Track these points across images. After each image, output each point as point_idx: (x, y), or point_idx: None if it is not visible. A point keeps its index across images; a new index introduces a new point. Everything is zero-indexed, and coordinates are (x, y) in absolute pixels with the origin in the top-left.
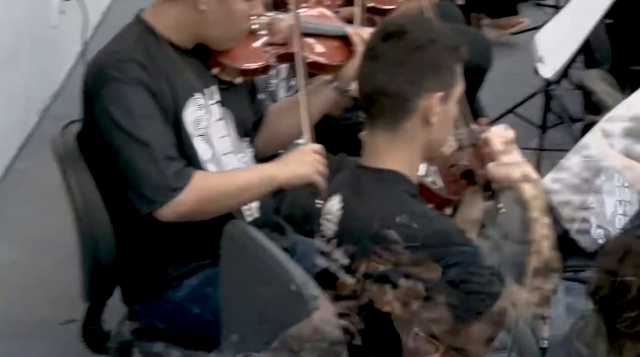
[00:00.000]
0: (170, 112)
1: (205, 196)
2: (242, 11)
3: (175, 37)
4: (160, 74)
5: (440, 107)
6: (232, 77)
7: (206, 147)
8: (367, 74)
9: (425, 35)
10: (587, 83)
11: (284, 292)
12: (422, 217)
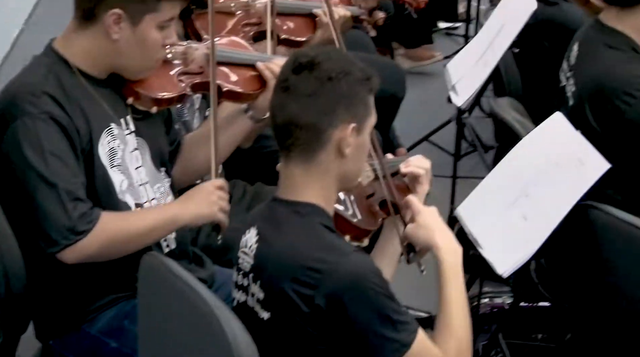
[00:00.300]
0: (85, 144)
1: (109, 240)
2: (156, 40)
3: (88, 67)
4: (74, 106)
5: (354, 138)
6: (148, 107)
7: (122, 177)
8: (280, 105)
9: (337, 66)
10: (498, 111)
11: (202, 324)
12: (337, 252)
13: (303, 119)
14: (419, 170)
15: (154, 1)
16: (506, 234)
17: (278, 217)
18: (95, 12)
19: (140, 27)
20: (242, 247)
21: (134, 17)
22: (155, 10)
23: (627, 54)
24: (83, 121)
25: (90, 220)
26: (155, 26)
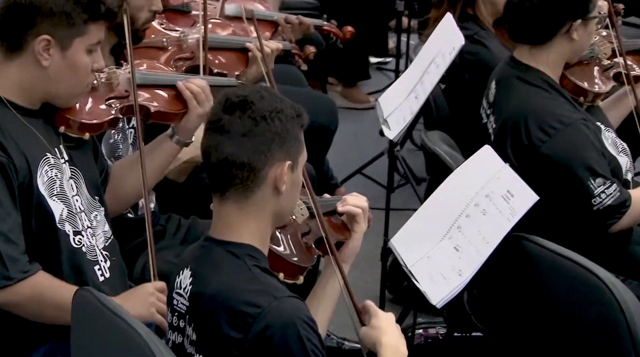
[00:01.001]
0: (23, 178)
1: (38, 296)
2: (86, 64)
3: (19, 99)
4: (9, 140)
5: (289, 175)
6: (80, 134)
7: (62, 206)
8: (214, 145)
9: (270, 105)
10: (429, 144)
11: None
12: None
13: (239, 159)
14: (356, 210)
15: (82, 24)
16: (439, 266)
17: (212, 259)
18: (22, 42)
19: (70, 52)
20: (176, 289)
21: (63, 42)
22: (83, 34)
23: (542, 90)
24: (20, 156)
25: (24, 270)
26: (84, 50)
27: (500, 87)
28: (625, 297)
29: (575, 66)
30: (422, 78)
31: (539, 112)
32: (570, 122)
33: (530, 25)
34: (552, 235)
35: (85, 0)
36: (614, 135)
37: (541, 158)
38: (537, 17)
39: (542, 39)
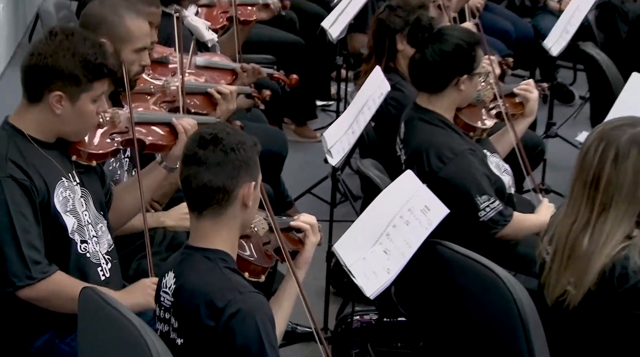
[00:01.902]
0: (42, 198)
1: (57, 292)
2: (91, 111)
3: (39, 135)
4: (31, 167)
5: (253, 194)
6: (89, 162)
7: (73, 220)
8: (193, 175)
9: (235, 139)
10: (363, 169)
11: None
12: (237, 291)
13: (216, 184)
14: (305, 226)
15: (88, 83)
16: (372, 265)
17: (192, 262)
18: (40, 95)
19: (78, 104)
20: (162, 288)
21: (72, 97)
22: (89, 90)
23: (439, 128)
24: (40, 180)
25: (45, 271)
26: (90, 101)
27: (407, 127)
28: (516, 288)
29: (465, 108)
30: (357, 117)
31: (436, 145)
32: (460, 151)
33: (428, 78)
34: (461, 240)
35: (91, 64)
36: (498, 159)
37: (440, 181)
38: (432, 72)
39: (436, 89)
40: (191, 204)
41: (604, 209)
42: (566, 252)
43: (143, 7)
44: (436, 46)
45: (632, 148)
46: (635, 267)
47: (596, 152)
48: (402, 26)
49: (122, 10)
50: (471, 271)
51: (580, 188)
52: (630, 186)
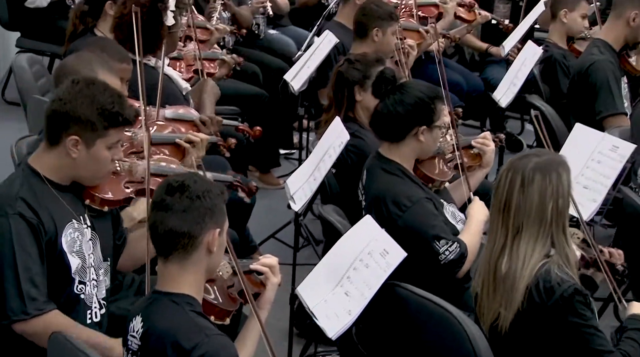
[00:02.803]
0: (49, 236)
1: (50, 330)
2: (106, 158)
3: (54, 177)
4: (42, 207)
5: (218, 239)
6: (101, 207)
7: (78, 261)
8: (160, 220)
9: (202, 186)
10: (325, 215)
11: None
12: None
13: (181, 230)
14: (265, 268)
15: (103, 130)
16: (334, 307)
17: (159, 306)
18: (59, 139)
19: (94, 149)
20: (130, 332)
21: (88, 142)
22: (104, 136)
23: (398, 177)
24: (49, 219)
25: (40, 308)
26: (105, 147)
27: (368, 174)
28: (470, 327)
29: (425, 160)
30: (318, 165)
31: (394, 194)
32: (417, 199)
33: (388, 128)
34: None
35: (107, 112)
36: (454, 208)
37: (399, 229)
38: (392, 122)
39: (397, 138)
40: (158, 249)
41: (518, 233)
42: (490, 276)
43: (115, 63)
44: (397, 96)
45: (536, 174)
46: (558, 279)
47: (506, 179)
48: (359, 78)
49: (96, 65)
50: (428, 311)
51: (495, 215)
52: (537, 209)
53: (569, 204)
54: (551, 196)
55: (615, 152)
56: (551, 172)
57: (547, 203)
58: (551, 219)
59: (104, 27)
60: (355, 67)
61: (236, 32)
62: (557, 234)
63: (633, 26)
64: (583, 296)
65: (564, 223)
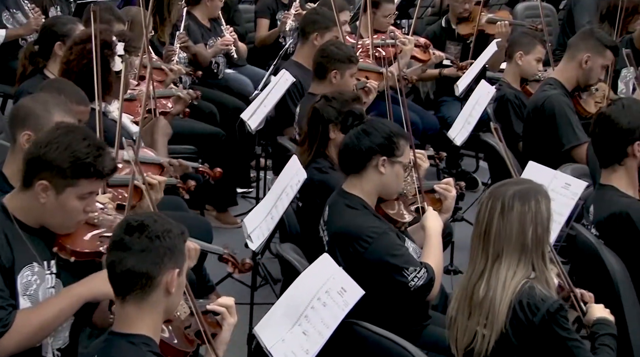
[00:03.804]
0: (6, 267)
1: (25, 337)
2: (75, 207)
3: (24, 218)
4: (5, 240)
5: (177, 280)
6: (69, 257)
7: (28, 304)
8: (118, 260)
9: (161, 227)
10: (283, 253)
11: None
12: None
13: (139, 270)
14: (221, 309)
15: (74, 179)
16: (292, 346)
17: (115, 348)
18: (31, 182)
19: (62, 197)
20: None
21: (57, 188)
22: (75, 185)
23: (362, 211)
24: (8, 254)
25: (5, 324)
26: (75, 197)
27: (331, 210)
28: None
29: (387, 201)
30: (276, 203)
31: (359, 228)
32: (381, 231)
33: (350, 156)
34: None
35: (79, 162)
36: (415, 245)
37: (365, 261)
38: (353, 149)
39: (358, 168)
40: (116, 289)
41: (497, 258)
42: (466, 301)
43: (72, 105)
44: (361, 128)
45: (516, 202)
46: (542, 295)
47: (486, 207)
48: (335, 116)
49: (52, 106)
50: (386, 349)
51: (475, 241)
52: (517, 236)
53: (549, 231)
54: (530, 223)
55: (568, 189)
56: (530, 200)
57: (527, 229)
58: (532, 246)
59: (53, 67)
60: (331, 105)
61: (192, 73)
62: (536, 259)
63: (585, 69)
64: (565, 311)
65: (543, 250)
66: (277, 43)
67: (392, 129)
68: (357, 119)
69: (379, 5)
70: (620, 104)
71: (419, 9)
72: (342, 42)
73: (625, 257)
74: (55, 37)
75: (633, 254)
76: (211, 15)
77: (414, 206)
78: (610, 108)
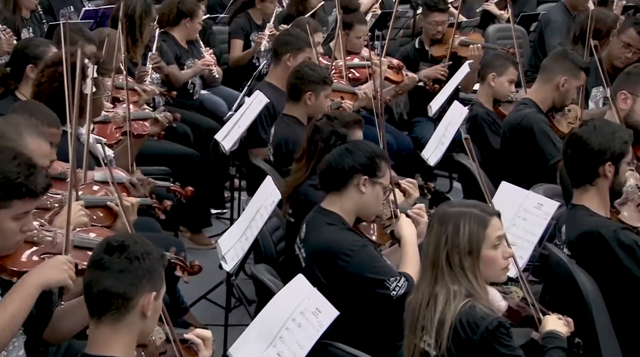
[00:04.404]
0: None
1: None
2: (9, 228)
3: None
4: None
5: (153, 303)
6: (11, 277)
7: None
8: (95, 279)
9: (141, 248)
10: (257, 274)
11: None
12: None
13: (116, 290)
14: (198, 340)
15: (6, 200)
16: None
17: None
18: None
19: None
20: None
21: None
22: (7, 207)
23: (340, 227)
24: None
25: None
26: (10, 218)
27: (308, 227)
28: None
29: (364, 222)
30: (250, 224)
31: (339, 243)
32: (361, 245)
33: (332, 175)
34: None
35: (10, 182)
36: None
37: (347, 275)
38: (337, 169)
39: (339, 185)
40: (91, 309)
41: (436, 279)
42: (413, 322)
43: (44, 127)
44: (344, 146)
45: (435, 223)
46: (482, 313)
47: (430, 229)
48: (335, 135)
49: (24, 129)
50: None
51: (422, 262)
52: (432, 255)
53: (475, 255)
54: (444, 245)
55: (540, 209)
56: (448, 223)
57: (440, 251)
58: (448, 267)
59: (25, 90)
60: (332, 125)
61: (166, 94)
62: (467, 280)
63: (562, 91)
64: (506, 328)
65: (464, 272)
66: (251, 64)
67: (375, 150)
68: (340, 139)
69: (352, 27)
70: (592, 125)
71: (392, 30)
72: (316, 63)
73: (598, 277)
74: (27, 60)
75: (605, 273)
76: (189, 37)
77: (389, 229)
78: (582, 129)
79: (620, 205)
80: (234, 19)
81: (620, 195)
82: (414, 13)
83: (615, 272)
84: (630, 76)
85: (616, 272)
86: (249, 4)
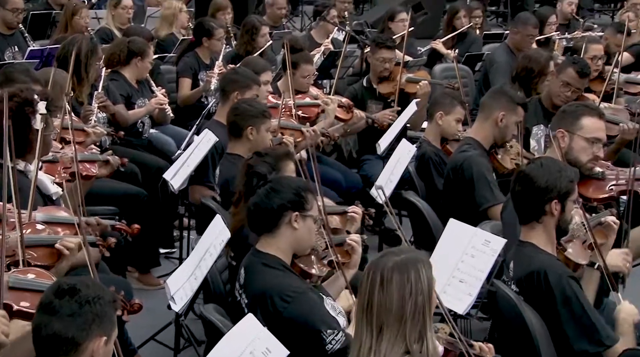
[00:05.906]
0: None
1: None
2: None
3: None
4: None
5: (104, 348)
6: None
7: None
8: (44, 323)
9: (93, 292)
10: (206, 314)
11: None
12: None
13: (65, 334)
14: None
15: None
16: None
17: None
18: None
19: None
20: None
21: None
22: None
23: (279, 270)
24: None
25: None
26: None
27: (247, 272)
28: None
29: (301, 256)
30: (199, 263)
31: (278, 287)
32: (301, 291)
33: (262, 217)
34: None
35: None
36: (332, 301)
37: (286, 321)
38: (266, 210)
39: (271, 226)
40: (39, 353)
41: (380, 332)
42: None
43: None
44: (268, 185)
45: (395, 274)
46: None
47: (367, 279)
48: (270, 171)
49: None
50: None
51: (359, 314)
52: (397, 308)
53: (431, 299)
54: (410, 294)
55: (488, 246)
56: (410, 271)
57: (406, 301)
58: (412, 316)
59: None
60: (265, 161)
61: (114, 134)
62: (421, 329)
63: (501, 126)
64: None
65: (424, 319)
66: (200, 102)
67: (299, 184)
68: (262, 179)
69: (297, 66)
70: (539, 163)
71: (340, 69)
72: (254, 99)
73: (544, 314)
74: None
75: (550, 312)
76: (140, 76)
77: (327, 259)
78: (530, 166)
79: (567, 242)
80: (181, 58)
81: (566, 232)
82: (362, 52)
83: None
84: (565, 114)
85: (552, 313)
86: (196, 44)
